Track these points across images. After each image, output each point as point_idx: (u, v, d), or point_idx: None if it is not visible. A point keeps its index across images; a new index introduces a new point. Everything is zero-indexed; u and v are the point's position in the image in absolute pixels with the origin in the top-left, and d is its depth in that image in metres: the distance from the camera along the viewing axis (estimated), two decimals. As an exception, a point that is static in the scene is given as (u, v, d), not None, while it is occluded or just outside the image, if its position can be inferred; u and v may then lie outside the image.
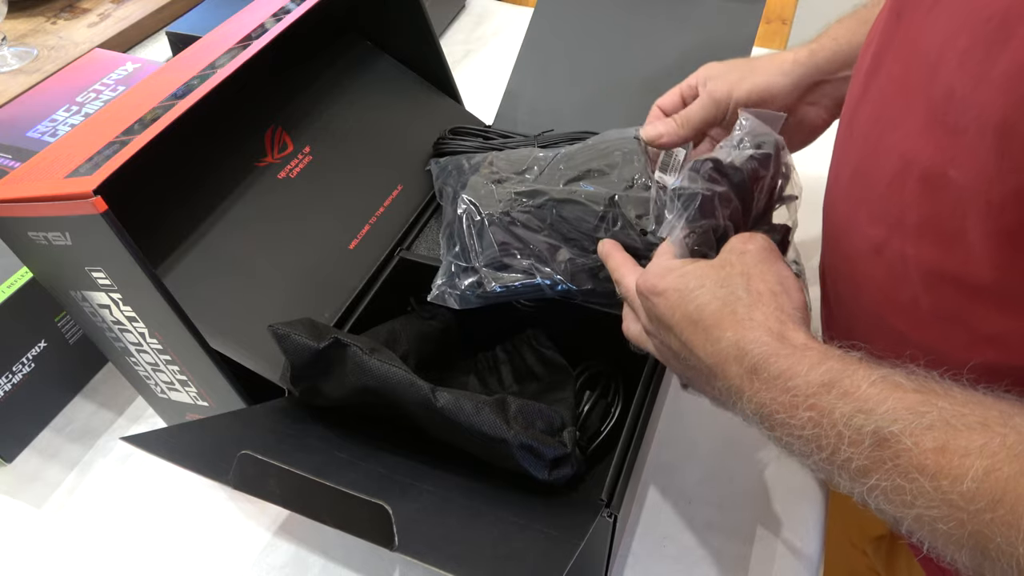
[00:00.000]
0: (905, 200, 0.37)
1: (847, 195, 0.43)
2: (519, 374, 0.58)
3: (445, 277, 0.54)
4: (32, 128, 0.74)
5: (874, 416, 0.31)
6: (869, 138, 0.40)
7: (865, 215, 0.40)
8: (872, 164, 0.40)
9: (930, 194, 0.35)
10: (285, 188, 0.58)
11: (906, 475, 0.30)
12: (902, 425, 0.30)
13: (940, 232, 0.35)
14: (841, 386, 0.32)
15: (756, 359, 0.35)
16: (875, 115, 0.40)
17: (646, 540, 0.53)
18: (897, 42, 0.38)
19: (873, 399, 0.31)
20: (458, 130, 0.69)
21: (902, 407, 0.31)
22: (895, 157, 0.37)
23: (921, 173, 0.35)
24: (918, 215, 0.36)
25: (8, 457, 0.59)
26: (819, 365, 0.34)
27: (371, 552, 0.52)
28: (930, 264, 0.37)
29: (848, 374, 0.33)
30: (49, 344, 0.59)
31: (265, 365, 0.49)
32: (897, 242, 0.38)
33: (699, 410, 0.61)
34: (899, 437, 0.30)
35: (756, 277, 0.39)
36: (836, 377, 0.33)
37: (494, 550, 0.37)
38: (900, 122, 0.37)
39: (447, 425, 0.43)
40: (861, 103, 0.42)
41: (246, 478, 0.36)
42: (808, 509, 0.54)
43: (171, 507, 0.56)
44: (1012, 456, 0.28)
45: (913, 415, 0.30)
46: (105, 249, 0.42)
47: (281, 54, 0.56)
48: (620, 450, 0.45)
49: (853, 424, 0.31)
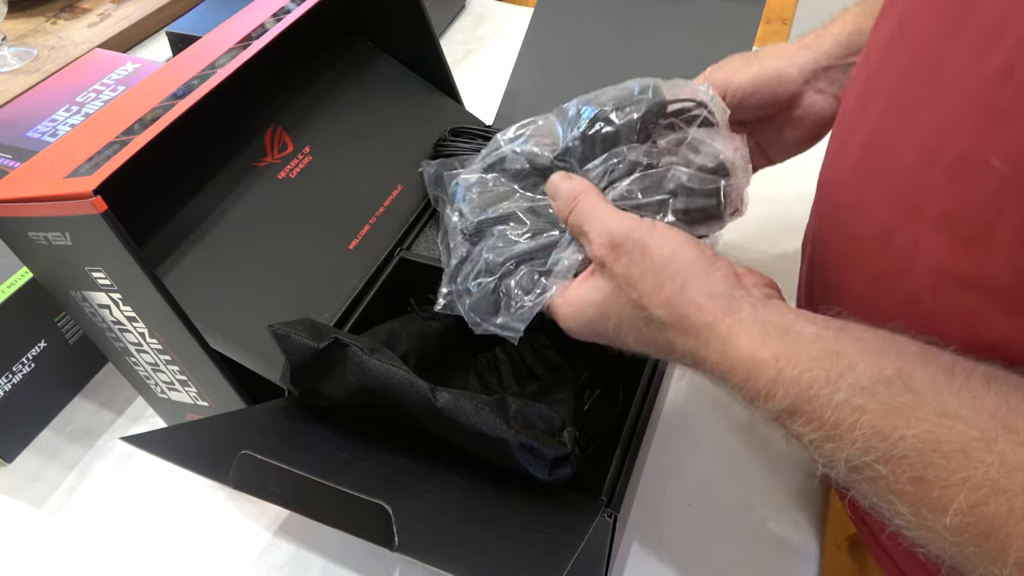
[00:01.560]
0: (929, 186, 0.33)
1: (855, 175, 0.40)
2: (519, 374, 0.58)
3: (452, 286, 0.54)
4: (32, 128, 0.74)
5: (843, 445, 0.30)
6: (889, 115, 0.37)
7: (877, 198, 0.37)
8: (891, 144, 0.36)
9: (961, 183, 0.32)
10: (285, 188, 0.58)
11: (884, 497, 0.29)
12: (875, 455, 0.29)
13: (964, 225, 0.32)
14: (803, 411, 0.31)
15: (711, 375, 0.35)
16: (898, 91, 0.36)
17: (646, 540, 0.53)
18: (932, 10, 0.34)
19: (840, 427, 0.30)
20: (458, 130, 0.69)
21: (872, 434, 0.29)
22: (922, 139, 0.34)
23: (954, 159, 0.32)
24: (942, 204, 0.33)
25: (8, 457, 0.59)
26: (774, 388, 0.32)
27: (371, 552, 0.52)
28: (943, 259, 0.34)
29: (808, 397, 0.31)
30: (49, 344, 0.59)
31: (265, 365, 0.49)
32: (910, 231, 0.35)
33: (699, 410, 0.61)
34: (873, 467, 0.29)
35: (654, 294, 0.37)
36: (795, 402, 0.32)
37: (494, 550, 0.37)
38: (930, 101, 0.33)
39: (447, 425, 0.43)
40: (879, 75, 0.38)
41: (246, 478, 0.36)
42: (808, 509, 0.54)
43: (171, 507, 0.56)
44: (998, 490, 0.26)
45: (884, 444, 0.29)
46: (105, 249, 0.42)
47: (281, 54, 0.56)
48: (620, 450, 0.45)
49: (823, 451, 0.31)
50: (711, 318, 0.35)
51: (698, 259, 0.37)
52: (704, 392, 0.62)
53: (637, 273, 0.37)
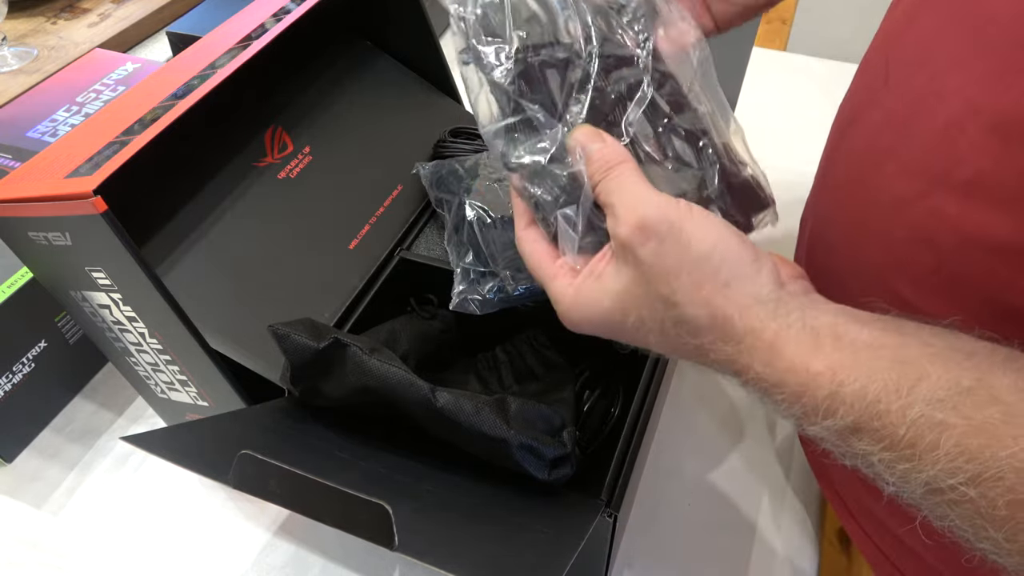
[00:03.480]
0: (959, 152, 0.31)
1: (872, 143, 0.37)
2: (519, 374, 0.58)
3: (465, 284, 0.54)
4: (32, 128, 0.74)
5: (923, 467, 0.27)
6: (914, 80, 0.34)
7: (896, 166, 0.35)
8: (917, 110, 0.34)
9: (1000, 147, 0.30)
10: (285, 188, 0.58)
11: (968, 521, 0.26)
12: (962, 477, 0.26)
13: (1000, 191, 0.30)
14: (871, 430, 0.28)
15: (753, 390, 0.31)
16: (924, 54, 0.34)
17: (646, 540, 0.53)
18: None
19: (918, 446, 0.27)
20: (458, 131, 0.69)
21: (958, 453, 0.26)
22: (955, 103, 0.32)
23: (991, 122, 0.30)
24: (974, 169, 0.31)
25: (8, 457, 0.59)
26: (835, 405, 0.29)
27: (371, 552, 0.52)
28: (973, 227, 0.31)
29: (877, 413, 0.28)
30: (49, 344, 0.59)
31: (265, 365, 0.49)
32: (936, 199, 0.32)
33: (700, 411, 0.61)
34: (959, 489, 0.26)
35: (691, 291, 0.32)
36: (860, 419, 0.28)
37: (494, 550, 0.37)
38: (963, 63, 0.31)
39: (447, 425, 0.43)
40: (902, 38, 0.36)
41: (246, 478, 0.36)
42: (808, 509, 0.54)
43: (171, 507, 0.56)
44: None
45: (973, 465, 0.26)
46: (105, 249, 0.42)
47: (281, 54, 0.56)
48: (620, 450, 0.45)
49: (897, 471, 0.27)
50: (758, 323, 0.31)
51: (742, 255, 0.33)
52: (704, 392, 0.62)
53: (671, 264, 0.32)
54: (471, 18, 0.39)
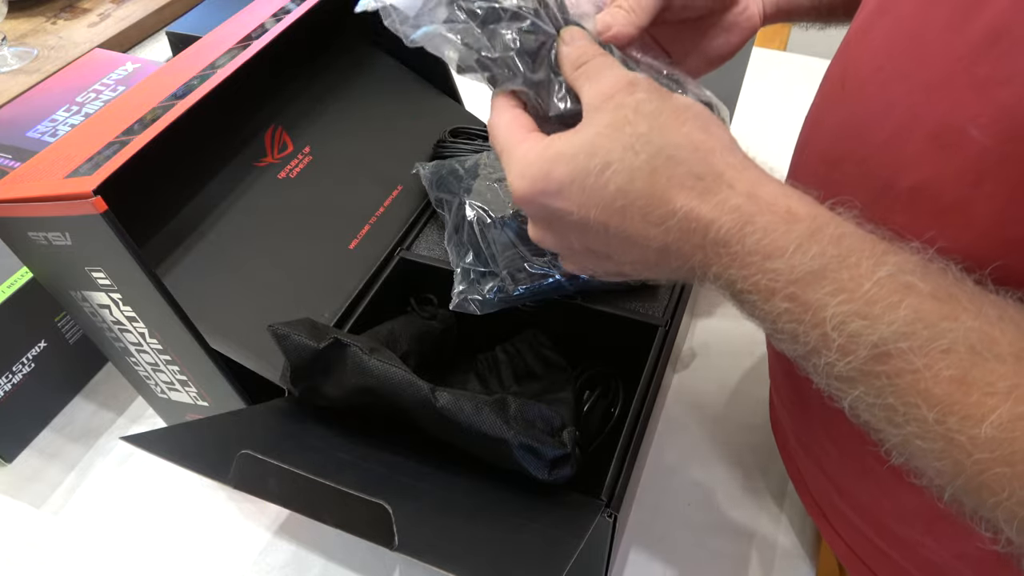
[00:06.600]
0: (904, 160, 0.32)
1: (828, 151, 0.38)
2: (519, 374, 0.58)
3: (465, 284, 0.54)
4: (32, 128, 0.74)
5: (878, 326, 0.26)
6: (865, 90, 0.35)
7: (852, 174, 0.35)
8: (868, 120, 0.35)
9: (939, 154, 0.30)
10: (285, 188, 0.58)
11: (903, 398, 0.26)
12: (913, 343, 0.25)
13: (939, 198, 0.30)
14: (836, 279, 0.27)
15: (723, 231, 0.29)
16: (877, 64, 0.35)
17: (646, 540, 0.53)
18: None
19: (879, 303, 0.26)
20: (458, 131, 0.69)
21: (916, 318, 0.25)
22: (900, 111, 0.32)
23: (932, 130, 0.30)
24: (916, 177, 0.31)
25: (8, 457, 0.59)
26: (808, 244, 0.27)
27: (371, 552, 0.52)
28: (917, 235, 0.31)
29: (847, 264, 0.27)
30: (49, 344, 0.59)
31: (265, 365, 0.49)
32: (884, 206, 0.32)
33: (699, 410, 0.61)
34: (907, 356, 0.25)
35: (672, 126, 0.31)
36: (830, 265, 0.27)
37: (494, 550, 0.37)
38: (909, 72, 0.32)
39: (447, 425, 0.43)
40: (857, 49, 0.37)
41: (246, 478, 0.36)
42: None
43: (171, 507, 0.56)
44: None
45: (929, 331, 0.25)
46: (105, 249, 0.42)
47: (281, 54, 0.56)
48: (620, 450, 0.45)
49: (847, 330, 0.26)
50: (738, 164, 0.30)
51: (721, 125, 0.33)
52: (704, 392, 0.62)
53: (654, 108, 0.32)
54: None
